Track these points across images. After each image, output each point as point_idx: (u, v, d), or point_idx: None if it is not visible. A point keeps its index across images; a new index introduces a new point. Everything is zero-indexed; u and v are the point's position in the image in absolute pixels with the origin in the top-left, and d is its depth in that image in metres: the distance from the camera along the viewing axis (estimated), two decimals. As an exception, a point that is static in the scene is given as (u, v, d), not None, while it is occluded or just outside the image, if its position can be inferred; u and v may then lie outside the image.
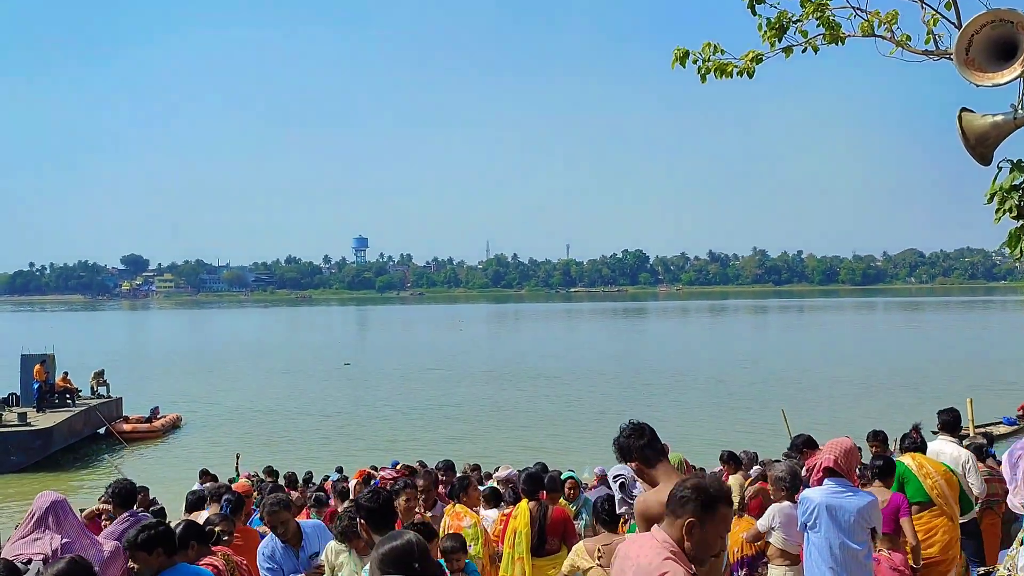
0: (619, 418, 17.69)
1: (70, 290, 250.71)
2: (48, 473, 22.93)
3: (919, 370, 41.55)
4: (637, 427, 3.83)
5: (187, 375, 46.95)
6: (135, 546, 4.22)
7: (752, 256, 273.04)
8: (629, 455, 3.77)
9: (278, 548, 5.51)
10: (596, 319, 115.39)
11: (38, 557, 5.35)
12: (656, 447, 3.79)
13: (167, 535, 4.33)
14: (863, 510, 5.00)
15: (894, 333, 73.24)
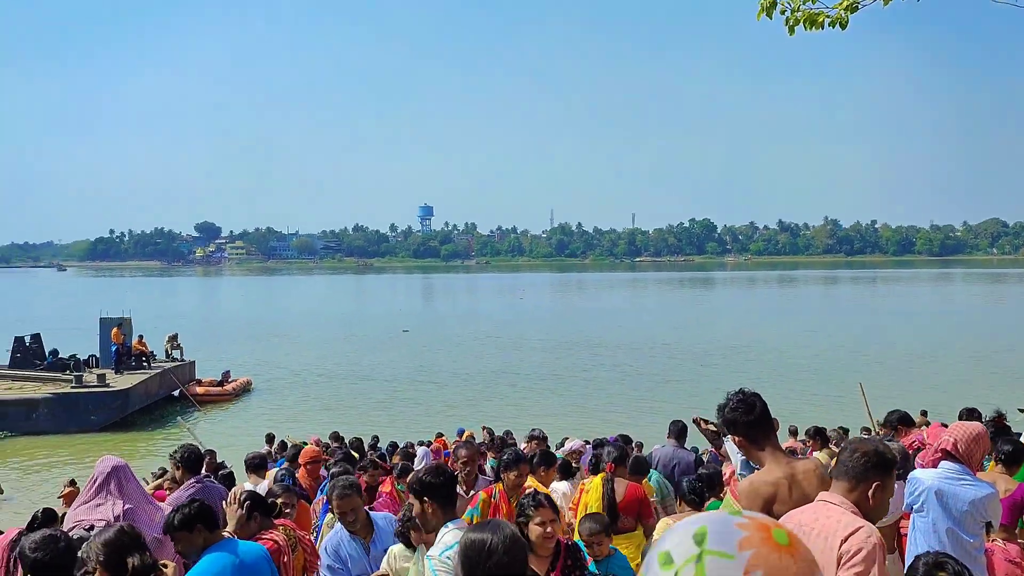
0: (680, 389, 17.51)
1: (147, 256, 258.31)
2: (125, 433, 23.54)
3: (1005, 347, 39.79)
4: (746, 400, 3.46)
5: (256, 340, 47.79)
6: (174, 528, 4.03)
7: (823, 226, 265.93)
8: (733, 429, 3.42)
9: (344, 541, 4.82)
10: (660, 289, 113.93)
11: (100, 523, 5.24)
12: (765, 424, 3.41)
13: (205, 511, 4.12)
14: (978, 502, 4.52)
15: (974, 306, 70.44)
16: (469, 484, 6.06)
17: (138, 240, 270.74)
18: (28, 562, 3.34)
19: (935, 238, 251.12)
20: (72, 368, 25.91)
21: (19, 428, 23.05)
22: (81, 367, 26.32)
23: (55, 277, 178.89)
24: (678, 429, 8.41)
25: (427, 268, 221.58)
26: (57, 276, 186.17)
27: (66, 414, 23.45)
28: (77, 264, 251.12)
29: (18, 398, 23.84)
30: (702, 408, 22.11)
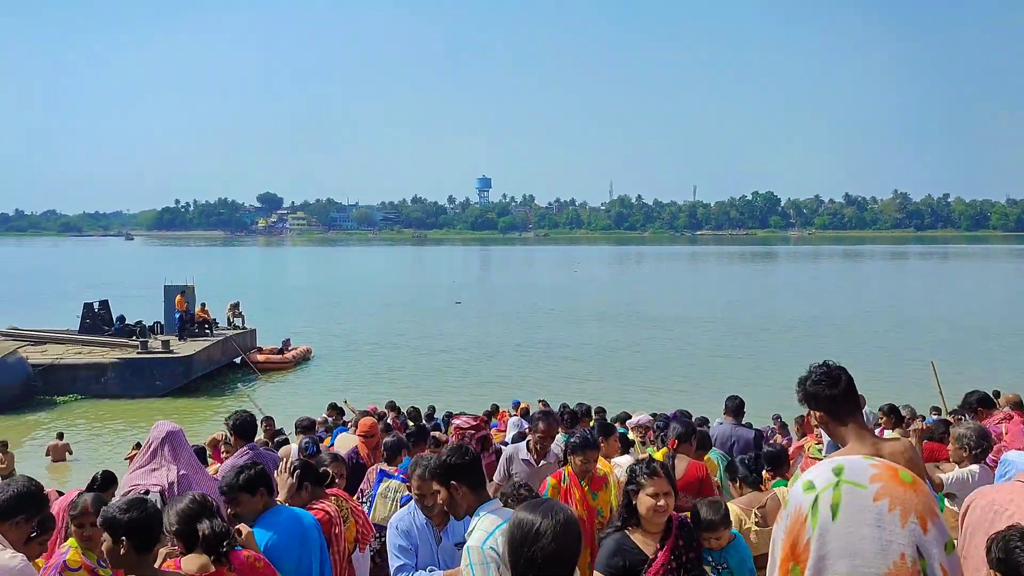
0: (736, 364, 16.92)
1: (211, 226, 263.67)
2: (188, 398, 24.05)
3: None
4: (830, 373, 3.19)
5: (316, 309, 48.42)
6: (238, 488, 3.96)
7: (892, 199, 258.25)
8: (814, 404, 3.17)
9: (418, 523, 4.33)
10: (721, 262, 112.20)
11: (155, 488, 5.21)
12: (851, 400, 3.13)
13: (267, 475, 4.08)
14: None
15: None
16: (541, 456, 6.02)
17: (202, 210, 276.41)
18: (122, 524, 3.26)
19: (1011, 213, 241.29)
20: (138, 334, 26.53)
21: (89, 391, 23.75)
22: (147, 333, 26.93)
23: (123, 246, 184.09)
24: (735, 405, 8.06)
25: (484, 240, 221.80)
26: (125, 245, 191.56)
27: (132, 379, 24.05)
28: (144, 233, 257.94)
29: (88, 362, 24.51)
30: (759, 384, 21.72)
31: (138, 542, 3.28)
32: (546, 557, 2.32)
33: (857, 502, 1.42)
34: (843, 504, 1.43)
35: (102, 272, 79.52)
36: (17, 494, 3.44)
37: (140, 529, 3.27)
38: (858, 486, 1.44)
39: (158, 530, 3.40)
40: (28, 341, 26.27)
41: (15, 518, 3.42)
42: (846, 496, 1.42)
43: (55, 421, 21.14)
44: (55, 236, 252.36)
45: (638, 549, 3.63)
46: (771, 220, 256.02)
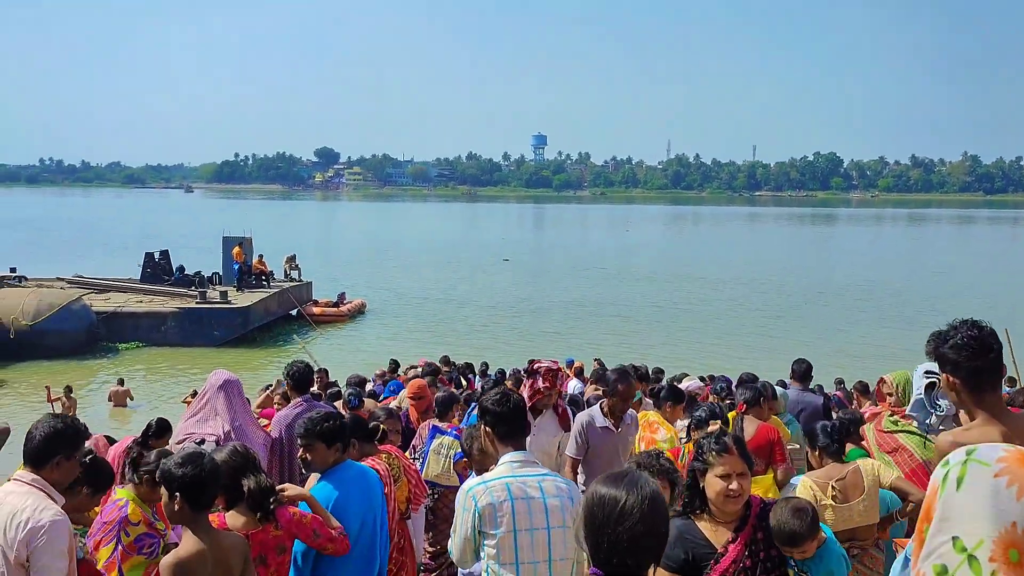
0: (794, 327, 16.26)
1: (269, 180, 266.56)
2: (245, 348, 24.39)
3: None
4: (981, 339, 2.79)
5: (370, 264, 48.69)
6: (315, 435, 3.84)
7: (961, 162, 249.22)
8: (953, 369, 2.79)
9: None
10: (779, 224, 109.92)
11: (211, 438, 5.15)
12: (997, 373, 2.79)
13: (346, 430, 3.97)
14: None
15: None
16: (618, 421, 5.57)
17: (261, 164, 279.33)
18: (176, 479, 3.15)
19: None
20: (197, 284, 26.91)
21: (150, 339, 24.24)
22: (205, 284, 27.30)
23: (183, 198, 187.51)
24: (803, 369, 7.68)
25: (539, 198, 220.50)
26: (185, 197, 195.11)
27: (191, 328, 24.44)
28: (204, 186, 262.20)
29: (148, 311, 24.98)
30: (814, 346, 21.05)
31: (192, 499, 3.18)
32: (633, 539, 1.99)
33: (979, 476, 1.56)
34: (966, 477, 1.64)
35: (163, 223, 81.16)
36: (46, 436, 3.27)
37: (195, 486, 3.16)
38: (983, 464, 1.63)
39: (215, 487, 3.28)
40: (92, 289, 26.85)
41: (52, 460, 3.29)
42: (970, 471, 1.63)
43: (117, 368, 21.63)
44: (119, 187, 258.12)
45: (705, 540, 3.07)
46: (832, 182, 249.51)
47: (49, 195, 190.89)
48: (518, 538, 3.25)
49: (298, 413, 5.58)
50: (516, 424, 3.49)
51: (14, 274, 26.68)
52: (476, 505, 3.27)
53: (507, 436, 3.46)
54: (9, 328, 21.83)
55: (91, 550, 4.03)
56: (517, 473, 3.36)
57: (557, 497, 3.35)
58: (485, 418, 3.52)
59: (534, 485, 3.34)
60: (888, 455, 4.75)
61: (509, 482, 3.32)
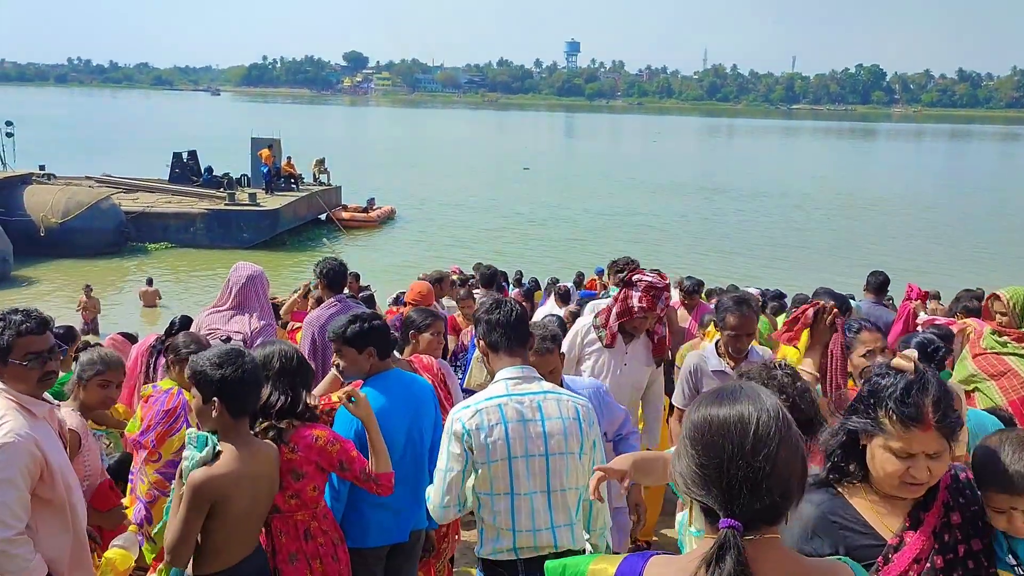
0: (817, 239, 15.28)
1: (297, 84, 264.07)
2: (274, 251, 24.11)
3: None
4: None
5: (399, 170, 48.03)
6: (342, 339, 3.39)
7: (1010, 76, 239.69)
8: None
9: None
10: (816, 138, 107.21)
11: (237, 336, 4.74)
12: None
13: (382, 332, 3.46)
14: None
15: None
16: (738, 361, 4.27)
17: (289, 67, 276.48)
18: (214, 382, 2.70)
19: None
20: (225, 186, 26.52)
21: (178, 240, 24.04)
22: (234, 185, 26.90)
23: (210, 100, 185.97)
24: (878, 282, 7.13)
25: (570, 107, 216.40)
26: (212, 100, 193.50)
27: (220, 229, 24.17)
28: (232, 89, 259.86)
29: (177, 211, 24.72)
30: (835, 263, 20.34)
31: (233, 404, 2.76)
32: (776, 469, 1.44)
33: None
34: None
35: (190, 124, 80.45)
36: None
37: (237, 389, 2.73)
38: None
39: (257, 391, 2.86)
40: (121, 188, 26.54)
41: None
42: None
43: (146, 268, 21.47)
44: (147, 89, 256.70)
45: (864, 525, 2.03)
46: (874, 95, 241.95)
47: (77, 95, 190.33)
48: (513, 466, 2.83)
49: (332, 314, 5.14)
50: (512, 333, 3.00)
51: (43, 172, 26.41)
52: (465, 431, 2.82)
53: (501, 347, 2.98)
54: (39, 226, 21.67)
55: (152, 444, 3.72)
56: (513, 391, 2.90)
57: (559, 419, 2.90)
58: (477, 329, 3.07)
59: (531, 405, 2.89)
60: (991, 380, 4.22)
61: (502, 403, 2.86)
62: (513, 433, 2.84)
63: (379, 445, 3.16)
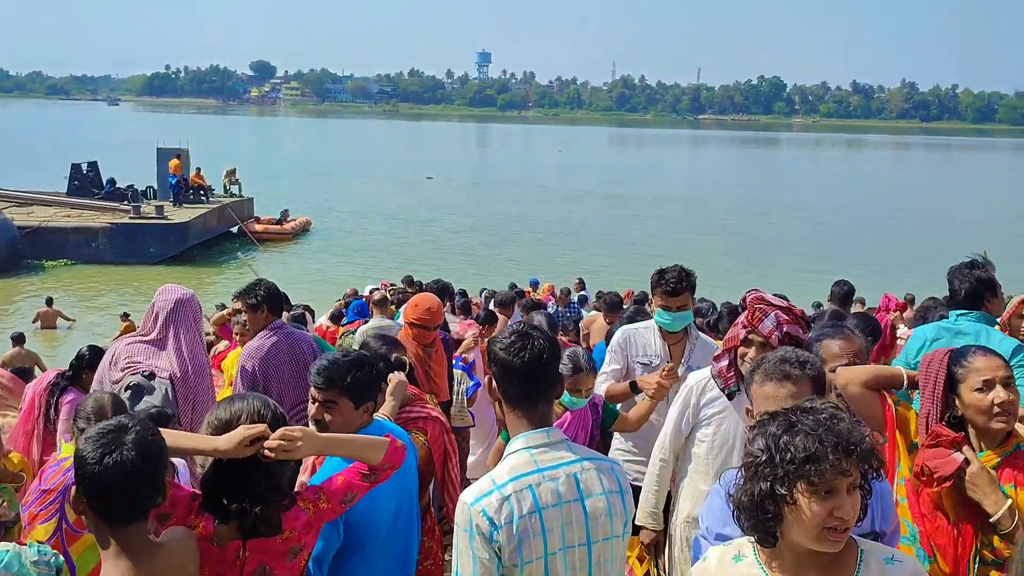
0: (718, 243, 14.99)
1: (202, 94, 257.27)
2: (184, 267, 22.82)
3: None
4: None
5: (312, 181, 46.87)
6: (340, 387, 2.68)
7: (900, 89, 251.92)
8: None
9: None
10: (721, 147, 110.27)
11: (163, 374, 4.01)
12: None
13: (363, 379, 2.72)
14: None
15: None
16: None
17: (193, 77, 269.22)
18: (84, 478, 1.97)
19: (1019, 106, 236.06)
20: (130, 198, 25.09)
21: (79, 256, 22.50)
22: (139, 198, 25.48)
23: (109, 111, 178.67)
24: (843, 292, 6.83)
25: (483, 118, 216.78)
26: (111, 110, 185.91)
27: (125, 245, 22.76)
28: (133, 99, 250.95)
29: (77, 226, 23.18)
30: (740, 266, 20.44)
31: (106, 508, 1.96)
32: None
33: None
34: None
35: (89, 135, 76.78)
36: None
37: (108, 488, 1.92)
38: None
39: (152, 488, 2.02)
40: (13, 202, 24.81)
41: None
42: None
43: (43, 287, 19.94)
44: (41, 98, 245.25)
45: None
46: (775, 106, 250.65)
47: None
48: (551, 565, 2.16)
49: (275, 344, 4.44)
50: (539, 385, 2.27)
51: (-75, 185, 24.42)
52: (493, 526, 2.11)
53: (522, 401, 2.26)
54: (-80, 244, 19.93)
55: (25, 525, 2.92)
56: (542, 464, 2.20)
57: (602, 495, 2.24)
58: (492, 368, 2.32)
59: (567, 481, 2.20)
60: None
61: (533, 483, 2.16)
62: (550, 523, 2.16)
63: (355, 442, 2.43)
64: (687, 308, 4.07)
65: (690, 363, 4.05)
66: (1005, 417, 2.46)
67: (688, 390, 3.47)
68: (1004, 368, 2.51)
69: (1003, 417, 2.46)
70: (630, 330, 4.24)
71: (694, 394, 3.44)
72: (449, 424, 3.60)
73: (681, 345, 4.18)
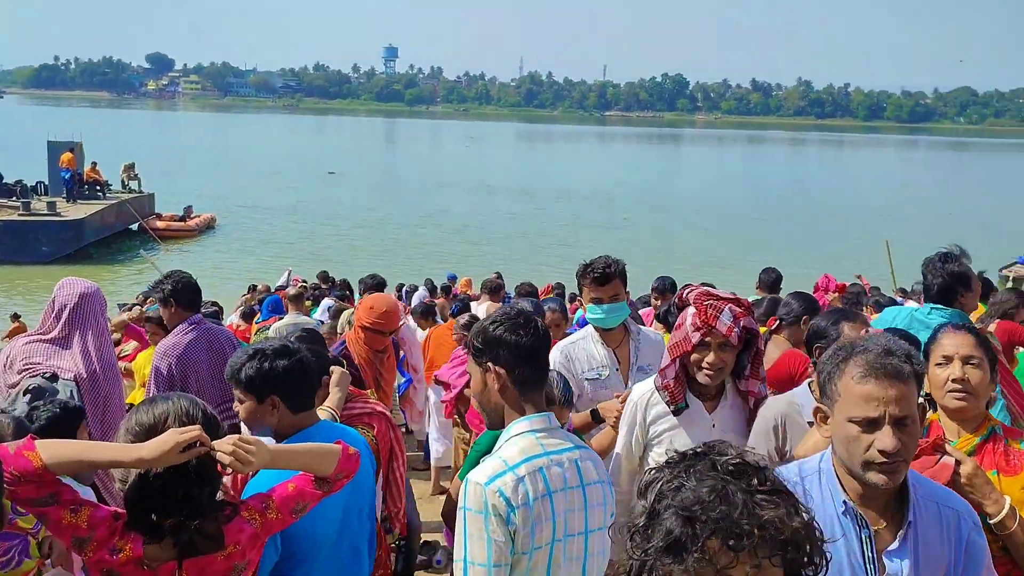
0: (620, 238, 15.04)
1: (95, 87, 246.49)
2: (80, 265, 21.65)
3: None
4: None
5: (215, 177, 45.40)
6: (236, 382, 2.47)
7: (796, 87, 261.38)
8: None
9: None
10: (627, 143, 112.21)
11: (67, 375, 3.65)
12: None
13: (295, 373, 2.46)
14: None
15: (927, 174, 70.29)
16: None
17: (85, 69, 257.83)
18: None
19: (905, 104, 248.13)
20: (19, 194, 23.71)
21: (-37, 256, 21.10)
22: (28, 193, 24.18)
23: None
24: (771, 279, 6.88)
25: (391, 112, 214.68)
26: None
27: (14, 243, 21.50)
28: (19, 91, 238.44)
29: (-40, 224, 21.74)
30: (646, 258, 20.79)
31: None
32: None
33: None
34: None
35: (-28, 129, 72.51)
36: None
37: None
38: None
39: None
40: None
41: None
42: None
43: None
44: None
45: None
46: (679, 103, 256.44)
47: None
48: (555, 553, 2.10)
49: (191, 341, 4.12)
50: (543, 364, 2.26)
51: None
52: (511, 507, 2.02)
53: (533, 385, 2.20)
54: None
55: None
56: (548, 447, 2.14)
57: (599, 483, 2.22)
58: (495, 352, 2.18)
59: (571, 467, 2.15)
60: None
61: (544, 465, 2.10)
62: (559, 507, 2.10)
63: (304, 452, 2.18)
64: (620, 298, 3.58)
65: (640, 363, 3.60)
66: (960, 394, 2.37)
67: (632, 407, 3.02)
68: (969, 347, 2.42)
69: (957, 394, 2.38)
70: (567, 346, 3.67)
71: (639, 411, 2.99)
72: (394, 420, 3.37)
73: (625, 346, 3.65)
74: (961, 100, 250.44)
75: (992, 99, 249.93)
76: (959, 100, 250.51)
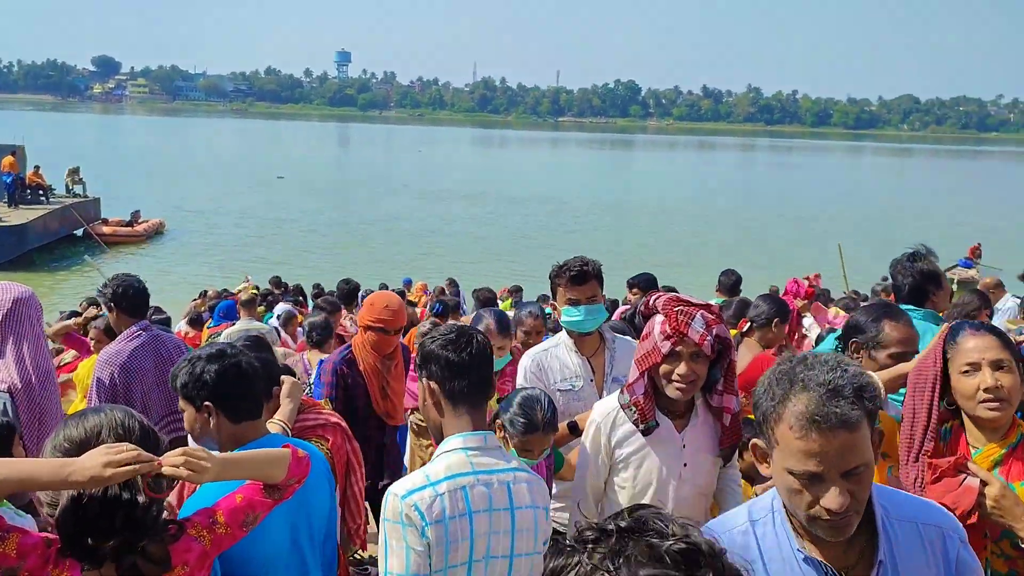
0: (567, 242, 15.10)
1: (39, 89, 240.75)
2: (22, 272, 20.92)
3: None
4: None
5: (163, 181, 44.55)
6: (175, 389, 2.35)
7: (746, 94, 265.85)
8: None
9: None
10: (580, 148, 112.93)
11: (1, 386, 3.45)
12: None
13: (234, 380, 2.31)
14: None
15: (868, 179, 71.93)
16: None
17: (28, 71, 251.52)
18: None
19: (851, 111, 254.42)
20: (-43, 199, 22.93)
21: None
22: (-33, 198, 23.33)
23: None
24: (731, 282, 6.87)
25: (344, 117, 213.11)
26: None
27: (-48, 249, 20.75)
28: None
29: None
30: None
31: None
32: None
33: None
34: None
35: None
36: None
37: None
38: None
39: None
40: None
41: None
42: None
43: None
44: None
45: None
46: (631, 109, 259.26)
47: None
48: (473, 571, 2.08)
49: (136, 348, 3.92)
50: (480, 382, 2.19)
51: None
52: (425, 522, 2.00)
53: (463, 399, 2.16)
54: None
55: None
56: (478, 466, 2.11)
57: (530, 508, 2.17)
58: (429, 367, 2.17)
59: (500, 488, 2.12)
60: None
61: (468, 484, 2.07)
62: (479, 528, 2.07)
63: (253, 459, 2.05)
64: (598, 300, 3.38)
65: (615, 374, 3.36)
66: (994, 404, 2.14)
67: (596, 428, 2.78)
68: (996, 349, 2.20)
69: (991, 403, 2.14)
70: (539, 354, 3.45)
71: (603, 432, 2.76)
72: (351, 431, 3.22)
73: (600, 355, 3.43)
74: (904, 108, 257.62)
75: (934, 107, 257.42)
76: (902, 108, 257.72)
